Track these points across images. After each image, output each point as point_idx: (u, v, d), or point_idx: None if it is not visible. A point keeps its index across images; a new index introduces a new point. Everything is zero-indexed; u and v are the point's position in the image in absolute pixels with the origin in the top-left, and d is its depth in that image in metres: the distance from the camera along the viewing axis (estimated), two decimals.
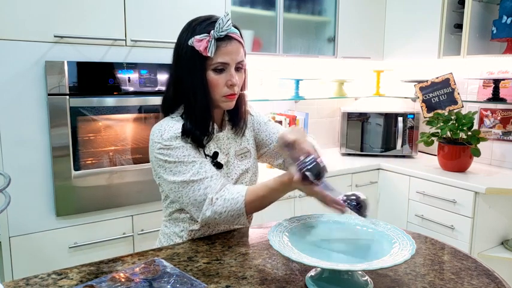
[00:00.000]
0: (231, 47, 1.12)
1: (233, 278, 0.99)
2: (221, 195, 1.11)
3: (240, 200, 1.10)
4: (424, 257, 1.12)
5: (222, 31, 1.09)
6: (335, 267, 0.85)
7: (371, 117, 2.91)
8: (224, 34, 1.10)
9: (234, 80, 1.13)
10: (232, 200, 1.10)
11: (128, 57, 1.97)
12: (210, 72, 1.13)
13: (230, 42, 1.12)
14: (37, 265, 1.83)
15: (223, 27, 1.09)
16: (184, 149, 1.14)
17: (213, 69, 1.12)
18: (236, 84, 1.15)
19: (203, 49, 1.09)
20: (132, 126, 2.02)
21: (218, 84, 1.13)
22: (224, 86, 1.14)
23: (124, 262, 1.07)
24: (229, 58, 1.12)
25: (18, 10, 1.71)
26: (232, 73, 1.13)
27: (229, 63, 1.12)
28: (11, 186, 1.39)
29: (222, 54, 1.11)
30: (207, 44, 1.08)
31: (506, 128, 2.62)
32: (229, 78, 1.13)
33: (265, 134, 1.35)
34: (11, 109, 1.73)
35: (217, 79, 1.13)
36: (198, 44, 1.09)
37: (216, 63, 1.11)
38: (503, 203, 2.32)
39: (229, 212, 1.10)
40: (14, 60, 1.72)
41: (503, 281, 0.98)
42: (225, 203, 1.10)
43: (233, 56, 1.12)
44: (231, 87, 1.14)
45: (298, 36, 2.72)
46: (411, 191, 2.55)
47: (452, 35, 2.69)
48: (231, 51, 1.12)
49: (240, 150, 1.28)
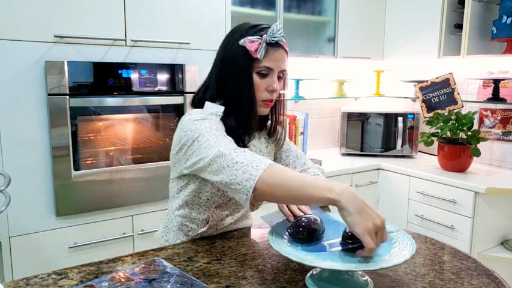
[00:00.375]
0: (279, 54, 1.14)
1: (233, 278, 0.99)
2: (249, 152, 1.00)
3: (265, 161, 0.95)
4: (424, 257, 1.12)
5: (274, 37, 1.12)
6: (335, 267, 0.85)
7: (371, 117, 2.91)
8: (276, 40, 1.12)
9: (275, 85, 1.16)
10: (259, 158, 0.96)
11: (128, 57, 1.97)
12: (254, 75, 1.15)
13: (279, 50, 1.14)
14: (37, 265, 1.83)
15: (276, 34, 1.12)
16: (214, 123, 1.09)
17: (257, 72, 1.14)
18: (276, 90, 1.17)
19: (254, 50, 1.11)
20: (132, 126, 2.02)
21: (259, 88, 1.15)
22: (264, 91, 1.16)
23: (124, 262, 1.07)
24: (274, 64, 1.14)
25: (18, 10, 1.71)
26: (274, 79, 1.16)
27: (274, 69, 1.15)
28: (11, 186, 1.39)
29: (269, 59, 1.13)
30: (258, 45, 1.11)
31: (506, 128, 2.62)
32: (270, 83, 1.15)
33: (286, 154, 1.36)
34: (11, 109, 1.73)
35: (260, 83, 1.15)
36: (250, 44, 1.11)
37: (262, 66, 1.13)
38: (503, 203, 2.32)
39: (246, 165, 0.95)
40: (14, 60, 1.72)
41: (503, 281, 0.98)
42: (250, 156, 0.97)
43: (278, 63, 1.15)
44: (271, 93, 1.16)
45: (298, 36, 2.72)
46: (411, 191, 2.55)
47: (452, 35, 2.69)
48: (278, 58, 1.14)
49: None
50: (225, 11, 2.20)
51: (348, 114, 2.93)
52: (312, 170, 1.35)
